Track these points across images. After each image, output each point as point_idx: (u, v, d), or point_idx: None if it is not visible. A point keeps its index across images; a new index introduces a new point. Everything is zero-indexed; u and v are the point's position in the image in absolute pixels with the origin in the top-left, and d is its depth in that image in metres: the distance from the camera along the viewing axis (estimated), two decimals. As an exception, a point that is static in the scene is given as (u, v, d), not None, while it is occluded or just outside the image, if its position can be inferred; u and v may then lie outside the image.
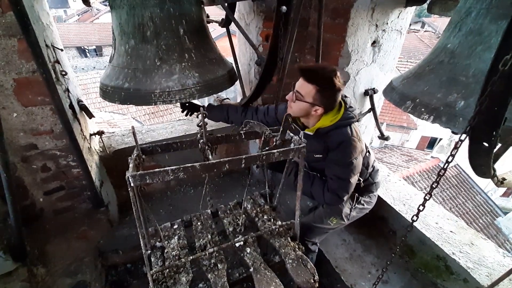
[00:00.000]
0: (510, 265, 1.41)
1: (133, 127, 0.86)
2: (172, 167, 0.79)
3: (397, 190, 2.03)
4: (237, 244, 1.13)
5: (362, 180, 1.50)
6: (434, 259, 1.63)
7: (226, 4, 1.57)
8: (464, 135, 0.80)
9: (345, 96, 1.38)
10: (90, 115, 1.80)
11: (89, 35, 18.28)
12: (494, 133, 0.75)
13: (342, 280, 1.67)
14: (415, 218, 0.96)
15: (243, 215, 1.28)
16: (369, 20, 1.71)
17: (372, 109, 2.13)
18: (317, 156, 1.38)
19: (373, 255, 1.85)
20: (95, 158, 1.79)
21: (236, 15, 2.09)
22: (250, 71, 2.08)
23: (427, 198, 0.88)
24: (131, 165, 0.82)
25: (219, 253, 1.09)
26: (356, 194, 1.52)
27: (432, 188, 0.85)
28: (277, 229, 1.22)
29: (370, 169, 1.54)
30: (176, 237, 1.15)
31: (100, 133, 1.83)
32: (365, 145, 1.48)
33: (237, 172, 2.52)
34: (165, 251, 1.09)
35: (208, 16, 1.81)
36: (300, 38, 1.73)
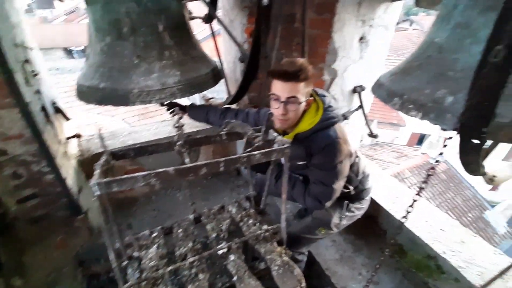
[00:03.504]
0: (501, 263, 1.39)
1: (99, 129, 0.79)
2: (142, 173, 0.73)
3: (386, 188, 2.01)
4: (220, 252, 1.07)
5: (352, 188, 1.41)
6: (425, 259, 1.60)
7: (207, -1, 1.51)
8: (452, 132, 0.76)
9: (323, 96, 1.27)
10: (67, 118, 1.71)
11: (76, 36, 17.83)
12: (483, 129, 0.71)
13: (332, 283, 1.62)
14: (404, 220, 0.92)
15: (227, 220, 1.22)
16: (356, 15, 1.67)
17: (361, 106, 2.10)
18: (300, 163, 1.30)
19: (364, 255, 1.82)
20: (72, 163, 1.70)
21: (221, 12, 2.02)
22: (236, 69, 2.02)
23: (416, 200, 0.84)
24: (96, 172, 0.75)
25: (201, 262, 1.02)
26: (346, 201, 1.44)
27: (421, 189, 0.81)
28: (262, 234, 1.16)
29: (360, 176, 1.44)
30: (154, 247, 1.08)
31: (77, 136, 1.74)
32: (355, 150, 1.39)
33: (225, 174, 2.46)
34: (142, 262, 1.02)
35: (190, 13, 1.74)
36: (286, 34, 1.68)
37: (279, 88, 1.15)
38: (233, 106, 1.96)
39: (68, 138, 1.72)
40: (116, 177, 0.72)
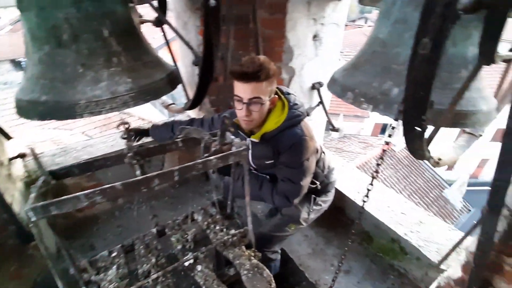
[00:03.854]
0: (455, 238, 1.51)
1: (32, 148, 0.72)
2: (84, 192, 0.67)
3: (352, 180, 2.08)
4: (186, 263, 1.03)
5: (319, 183, 1.43)
6: (389, 242, 1.69)
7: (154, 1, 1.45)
8: (396, 122, 0.80)
9: (288, 94, 1.27)
10: (8, 137, 1.55)
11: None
12: (423, 117, 0.75)
13: (306, 277, 1.65)
14: (362, 210, 0.95)
15: (193, 229, 1.18)
16: (307, 14, 1.71)
17: (321, 102, 2.15)
18: (268, 162, 1.30)
19: (335, 246, 1.87)
20: (18, 186, 1.54)
21: (174, 14, 1.96)
22: (194, 73, 1.97)
23: (370, 189, 0.88)
24: (31, 196, 0.67)
25: (166, 277, 0.97)
26: (313, 195, 1.46)
27: (373, 178, 0.85)
28: (230, 239, 1.14)
29: (326, 171, 1.47)
30: (114, 267, 1.01)
31: (22, 156, 1.58)
32: (320, 146, 1.41)
33: (193, 180, 2.38)
34: (101, 285, 0.95)
35: (141, 16, 1.67)
36: (241, 35, 1.67)
37: (240, 89, 1.13)
38: (195, 110, 1.91)
39: (11, 159, 1.56)
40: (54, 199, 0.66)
